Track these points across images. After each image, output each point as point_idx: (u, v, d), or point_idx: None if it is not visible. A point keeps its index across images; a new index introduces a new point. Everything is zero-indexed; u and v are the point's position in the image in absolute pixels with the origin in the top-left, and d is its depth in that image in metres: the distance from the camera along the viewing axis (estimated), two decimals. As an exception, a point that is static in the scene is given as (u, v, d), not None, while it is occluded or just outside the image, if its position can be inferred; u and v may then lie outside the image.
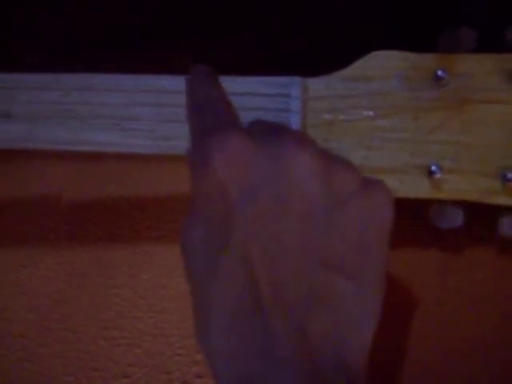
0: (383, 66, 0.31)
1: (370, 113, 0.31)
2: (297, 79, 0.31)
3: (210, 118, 0.25)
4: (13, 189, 0.45)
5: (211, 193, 0.23)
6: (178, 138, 0.33)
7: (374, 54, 0.31)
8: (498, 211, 0.32)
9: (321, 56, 0.37)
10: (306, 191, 0.23)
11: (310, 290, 0.22)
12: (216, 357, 0.23)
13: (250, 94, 0.31)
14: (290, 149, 0.23)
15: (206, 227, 0.23)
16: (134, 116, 0.33)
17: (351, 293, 0.23)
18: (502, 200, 0.30)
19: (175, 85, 0.32)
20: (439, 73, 0.30)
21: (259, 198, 0.22)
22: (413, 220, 0.34)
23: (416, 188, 0.31)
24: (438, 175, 0.30)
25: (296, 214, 0.22)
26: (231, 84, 0.31)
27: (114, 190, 0.44)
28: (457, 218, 0.31)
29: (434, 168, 0.30)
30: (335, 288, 0.23)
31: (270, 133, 0.24)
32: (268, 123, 0.27)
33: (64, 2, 0.39)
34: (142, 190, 0.44)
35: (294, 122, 0.31)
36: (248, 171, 0.22)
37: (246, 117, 0.31)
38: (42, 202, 0.44)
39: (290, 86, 0.31)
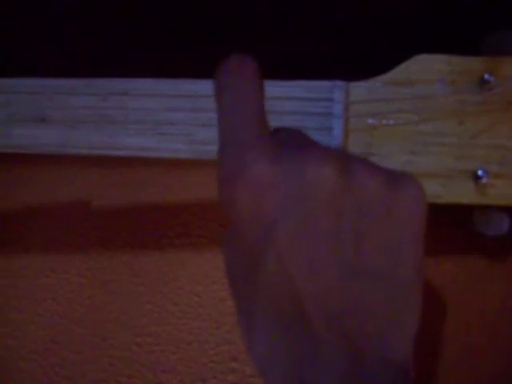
0: (427, 69, 0.31)
1: (414, 117, 0.31)
2: (339, 83, 0.31)
3: (239, 130, 0.25)
4: (42, 194, 0.45)
5: (241, 215, 0.23)
6: (214, 142, 0.32)
7: (418, 57, 0.31)
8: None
9: (363, 60, 0.37)
10: (333, 206, 0.23)
11: (348, 298, 0.23)
12: (264, 365, 0.25)
13: (293, 98, 0.31)
14: (312, 165, 0.23)
15: (243, 243, 0.24)
16: (170, 121, 0.33)
17: (388, 294, 0.24)
18: (549, 206, 0.30)
19: (211, 89, 0.32)
20: (486, 76, 0.29)
21: (290, 218, 0.23)
22: (455, 226, 0.34)
23: (461, 193, 0.30)
24: (484, 180, 0.30)
25: (326, 228, 0.23)
26: (274, 88, 0.31)
27: (144, 196, 0.44)
28: (503, 225, 0.31)
29: (480, 172, 0.30)
30: (372, 292, 0.24)
31: (293, 150, 0.24)
32: (292, 135, 0.27)
33: (101, 7, 0.39)
34: (173, 197, 0.44)
35: (337, 127, 0.31)
36: (275, 192, 0.23)
37: (287, 121, 0.31)
38: (71, 207, 0.44)
39: (333, 90, 0.31)
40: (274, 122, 0.29)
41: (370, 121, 0.31)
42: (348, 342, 0.23)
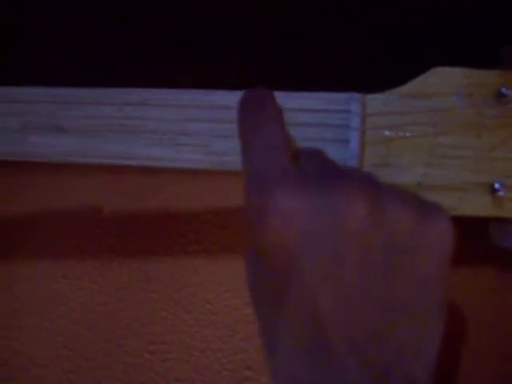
0: (444, 82, 0.31)
1: (431, 130, 0.31)
2: (356, 95, 0.31)
3: (263, 160, 0.26)
4: (54, 200, 0.45)
5: (268, 246, 0.24)
6: (231, 153, 0.32)
7: (435, 70, 0.31)
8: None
9: (380, 72, 0.37)
10: (362, 240, 0.23)
11: (374, 329, 0.24)
12: None
13: (310, 110, 0.31)
14: (342, 199, 0.23)
15: (268, 274, 0.24)
16: (187, 131, 0.33)
17: (412, 325, 0.24)
18: None
19: (229, 100, 0.32)
20: (503, 90, 0.30)
21: (317, 250, 0.23)
22: (470, 238, 0.34)
23: (477, 206, 0.31)
24: (501, 193, 0.30)
25: (354, 262, 0.23)
26: (290, 100, 0.31)
27: (156, 203, 0.44)
28: (518, 237, 0.31)
29: (497, 186, 0.30)
30: (398, 325, 0.24)
31: (320, 179, 0.24)
32: (318, 160, 0.27)
33: (117, 17, 0.39)
34: (185, 204, 0.44)
35: (354, 139, 0.31)
36: (303, 224, 0.23)
37: (305, 133, 0.31)
38: (83, 214, 0.45)
39: (350, 102, 0.31)
40: (290, 133, 0.29)
41: (387, 133, 0.31)
42: (371, 370, 0.23)
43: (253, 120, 0.27)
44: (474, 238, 0.34)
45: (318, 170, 0.26)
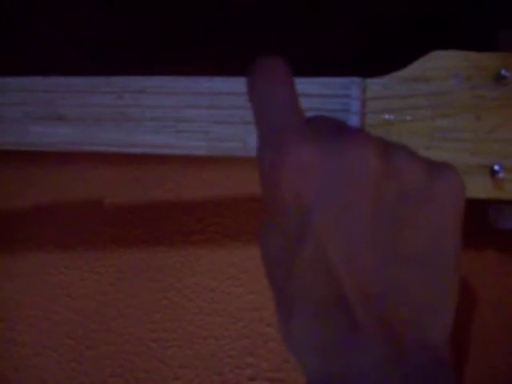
0: (443, 65, 0.31)
1: (430, 113, 0.31)
2: (356, 80, 0.31)
3: (277, 118, 0.25)
4: (56, 192, 0.45)
5: (283, 199, 0.24)
6: (232, 139, 0.33)
7: (434, 53, 0.31)
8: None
9: (379, 56, 0.37)
10: (374, 190, 0.23)
11: (387, 282, 0.23)
12: (302, 352, 0.25)
13: (310, 95, 0.31)
14: (354, 149, 0.23)
15: (281, 229, 0.24)
16: (188, 118, 0.33)
17: (427, 280, 0.24)
18: None
19: (229, 86, 0.33)
20: (503, 72, 0.30)
21: (330, 201, 0.23)
22: (471, 220, 0.34)
23: (477, 188, 0.31)
24: (500, 175, 0.30)
25: (366, 213, 0.23)
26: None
27: (158, 193, 0.44)
28: (518, 219, 0.31)
29: (496, 167, 0.30)
30: (411, 278, 0.24)
31: (333, 134, 0.24)
32: (328, 121, 0.27)
33: (116, 5, 0.39)
34: (187, 194, 0.44)
35: (353, 123, 0.31)
36: (317, 176, 0.23)
37: (305, 118, 0.31)
38: (85, 205, 0.45)
39: (350, 87, 0.31)
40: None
41: (387, 117, 0.31)
42: (387, 328, 0.23)
43: (263, 81, 0.26)
44: (474, 221, 0.34)
45: (329, 126, 0.26)
